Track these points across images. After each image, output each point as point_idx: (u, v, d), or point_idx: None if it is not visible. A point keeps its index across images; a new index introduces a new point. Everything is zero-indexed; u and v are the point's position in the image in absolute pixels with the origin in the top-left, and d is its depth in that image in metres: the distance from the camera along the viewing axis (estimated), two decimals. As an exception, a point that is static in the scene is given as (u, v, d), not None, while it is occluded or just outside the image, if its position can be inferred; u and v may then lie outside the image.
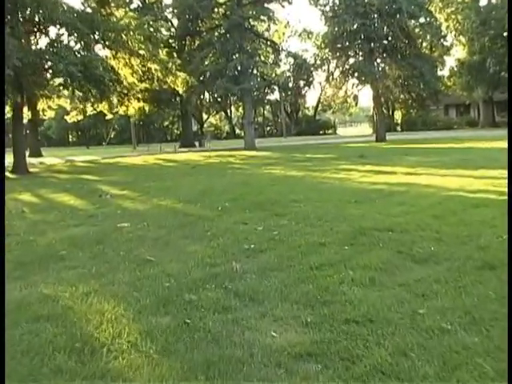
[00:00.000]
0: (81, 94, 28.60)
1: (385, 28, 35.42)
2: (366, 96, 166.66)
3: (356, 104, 67.80)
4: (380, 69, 36.79)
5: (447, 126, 58.55)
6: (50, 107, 44.89)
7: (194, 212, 10.43)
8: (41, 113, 45.99)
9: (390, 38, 36.27)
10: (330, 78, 45.00)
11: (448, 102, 61.17)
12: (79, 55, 23.72)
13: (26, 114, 44.06)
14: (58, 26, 24.51)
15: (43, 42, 27.07)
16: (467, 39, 49.92)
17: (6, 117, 26.49)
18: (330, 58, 47.63)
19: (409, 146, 29.52)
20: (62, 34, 26.21)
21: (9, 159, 24.10)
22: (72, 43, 25.34)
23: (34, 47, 25.16)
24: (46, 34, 26.38)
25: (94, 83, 23.88)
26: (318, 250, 7.00)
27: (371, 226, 8.09)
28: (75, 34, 24.59)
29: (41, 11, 23.49)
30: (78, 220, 10.30)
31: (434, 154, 22.76)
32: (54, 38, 24.94)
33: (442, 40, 58.48)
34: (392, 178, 14.44)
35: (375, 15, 35.35)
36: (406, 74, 37.30)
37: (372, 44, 36.95)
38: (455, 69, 56.34)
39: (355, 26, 35.52)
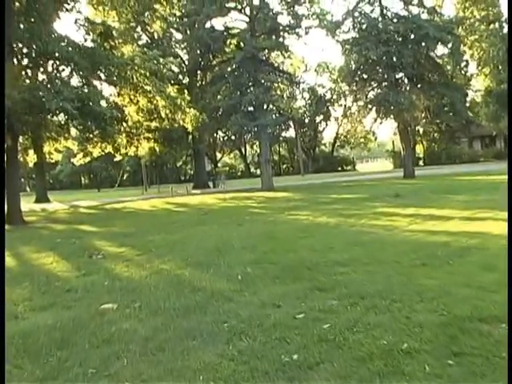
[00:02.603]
0: (81, 133, 26.31)
1: (410, 55, 32.86)
2: (383, 130, 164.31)
3: (375, 138, 65.74)
4: (403, 99, 34.07)
5: (473, 159, 55.81)
6: (56, 150, 42.91)
7: (204, 283, 7.73)
8: (47, 156, 44.06)
9: (415, 66, 33.71)
10: (349, 112, 42.64)
11: (472, 134, 58.40)
12: (76, 90, 21.30)
13: (32, 157, 42.08)
14: (54, 60, 22.31)
15: (39, 78, 24.63)
16: (493, 67, 47.44)
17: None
18: (347, 92, 45.54)
19: (444, 183, 26.81)
20: (63, 70, 24.19)
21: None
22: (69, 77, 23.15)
23: (28, 83, 22.93)
24: (44, 70, 24.26)
25: (94, 121, 21.50)
26: (402, 365, 4.30)
27: (469, 313, 5.38)
28: (73, 69, 22.35)
29: (34, 45, 21.35)
30: (50, 298, 7.64)
31: (479, 190, 19.81)
32: (50, 72, 22.74)
33: (463, 70, 56.40)
34: (450, 225, 11.69)
35: (400, 42, 32.92)
36: (434, 104, 34.71)
37: (397, 73, 34.55)
38: (477, 99, 54.00)
39: (378, 54, 33.07)
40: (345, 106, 65.51)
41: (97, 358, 5.02)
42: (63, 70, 24.31)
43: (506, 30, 48.38)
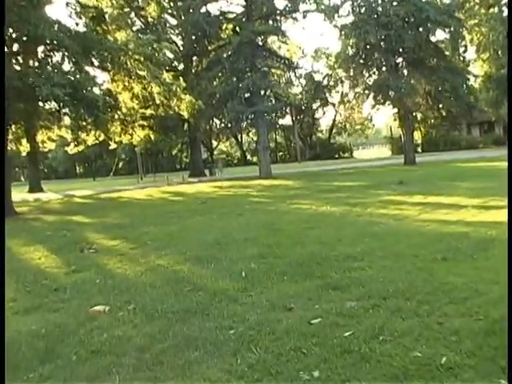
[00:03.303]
0: (74, 121, 25.56)
1: (411, 39, 31.96)
2: (378, 117, 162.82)
3: (373, 125, 64.90)
4: (404, 84, 33.21)
5: (471, 145, 55.06)
6: (50, 138, 42.19)
7: (205, 281, 7.04)
8: (40, 145, 43.22)
9: (416, 50, 32.79)
10: (346, 98, 41.90)
11: (474, 120, 57.50)
12: (67, 76, 20.50)
13: (25, 146, 41.18)
14: (44, 45, 21.53)
15: (30, 64, 23.81)
16: (492, 52, 46.61)
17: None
18: (343, 78, 44.85)
19: (447, 169, 26.14)
20: (54, 55, 23.41)
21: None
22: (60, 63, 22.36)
23: (18, 69, 22.12)
24: (35, 56, 23.46)
25: (87, 108, 20.70)
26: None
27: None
28: (64, 54, 21.57)
29: (24, 30, 20.52)
30: (36, 298, 6.97)
31: (485, 177, 19.01)
32: (41, 58, 21.94)
33: (461, 55, 55.54)
34: (463, 214, 10.99)
35: (400, 25, 32.04)
36: (436, 89, 33.91)
37: (397, 57, 33.77)
38: (475, 85, 53.24)
39: (378, 38, 32.21)
40: (342, 92, 64.81)
41: (84, 375, 4.35)
42: (54, 54, 23.54)
43: (505, 13, 47.62)
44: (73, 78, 20.65)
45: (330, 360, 4.16)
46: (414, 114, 43.13)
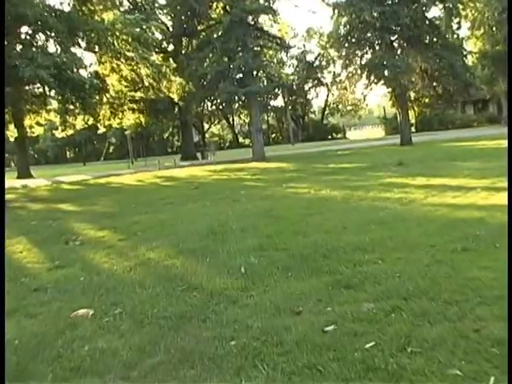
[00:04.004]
0: (61, 104, 24.78)
1: (406, 16, 31.07)
2: (370, 97, 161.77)
3: (366, 105, 64.29)
4: (400, 62, 32.38)
5: (466, 124, 54.60)
6: (38, 123, 41.39)
7: (200, 279, 6.32)
8: (28, 130, 42.35)
9: (412, 27, 31.89)
10: (339, 78, 41.12)
11: (465, 99, 56.92)
12: (52, 57, 19.65)
13: (12, 131, 40.27)
14: (27, 25, 20.70)
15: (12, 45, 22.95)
16: (488, 28, 45.84)
17: None
18: (335, 57, 44.07)
19: (445, 149, 25.51)
20: (38, 34, 22.61)
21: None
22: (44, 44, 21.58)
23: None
24: (18, 36, 22.58)
25: (73, 90, 19.88)
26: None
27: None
28: (49, 34, 20.74)
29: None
30: (12, 300, 6.22)
31: (488, 157, 18.36)
32: (23, 39, 21.12)
33: (455, 32, 54.79)
34: (473, 197, 10.32)
35: (395, 1, 31.23)
36: (433, 67, 33.18)
37: (392, 35, 32.93)
38: (469, 63, 52.56)
39: (373, 16, 31.32)
40: (334, 72, 64.02)
41: (61, 401, 3.66)
42: (38, 35, 22.74)
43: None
44: (58, 59, 19.81)
45: (352, 381, 3.48)
46: (407, 93, 42.46)
